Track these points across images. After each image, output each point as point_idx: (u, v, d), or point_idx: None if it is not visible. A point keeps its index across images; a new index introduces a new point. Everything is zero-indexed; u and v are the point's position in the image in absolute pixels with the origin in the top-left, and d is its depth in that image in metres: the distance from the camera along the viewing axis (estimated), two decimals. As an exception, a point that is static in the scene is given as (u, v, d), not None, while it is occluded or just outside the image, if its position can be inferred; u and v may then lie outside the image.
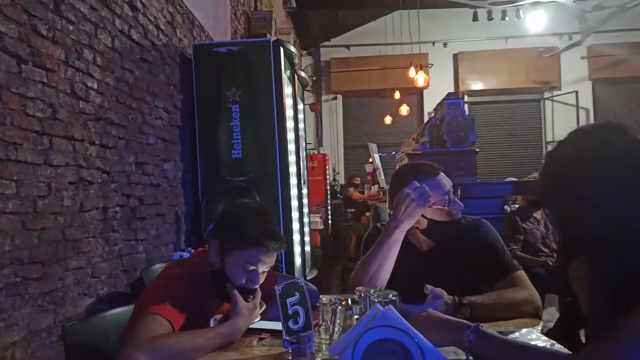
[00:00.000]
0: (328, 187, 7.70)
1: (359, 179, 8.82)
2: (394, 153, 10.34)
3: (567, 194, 0.86)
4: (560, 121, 10.67)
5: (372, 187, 8.71)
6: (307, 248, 3.78)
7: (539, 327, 1.15)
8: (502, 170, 10.41)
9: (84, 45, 1.86)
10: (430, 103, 11.06)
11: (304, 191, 3.90)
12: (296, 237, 3.15)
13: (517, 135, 11.03)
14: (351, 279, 1.39)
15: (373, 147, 8.53)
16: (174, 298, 1.11)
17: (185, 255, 2.72)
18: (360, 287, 1.08)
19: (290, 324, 1.01)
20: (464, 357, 0.91)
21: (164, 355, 1.00)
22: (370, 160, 9.85)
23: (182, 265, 1.29)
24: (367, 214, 7.21)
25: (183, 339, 1.05)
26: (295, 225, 3.24)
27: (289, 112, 3.34)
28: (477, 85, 10.88)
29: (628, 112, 10.70)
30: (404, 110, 8.77)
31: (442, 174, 1.47)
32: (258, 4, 5.88)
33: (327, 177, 7.71)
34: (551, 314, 3.13)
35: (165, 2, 2.74)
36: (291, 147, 3.28)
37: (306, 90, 11.24)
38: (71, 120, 1.77)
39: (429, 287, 1.21)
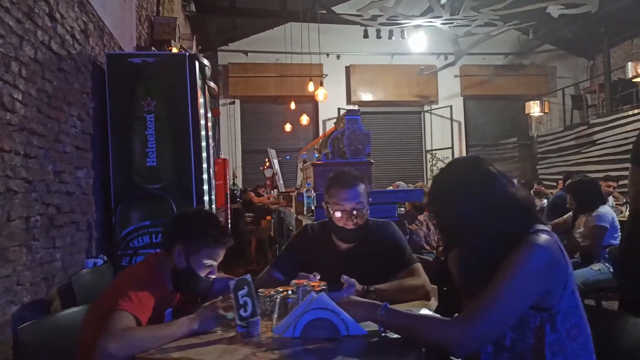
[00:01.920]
0: (228, 192, 7.80)
1: (263, 189, 9.08)
2: (287, 158, 10.72)
3: (444, 206, 1.23)
4: (437, 132, 11.96)
5: (272, 191, 8.99)
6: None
7: (429, 306, 1.52)
8: (388, 176, 11.36)
9: (10, 57, 1.88)
10: (324, 111, 11.70)
11: (213, 197, 4.05)
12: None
13: (402, 144, 12.11)
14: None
15: (272, 152, 8.82)
16: (140, 295, 1.29)
17: (99, 262, 2.76)
18: (296, 280, 1.37)
19: (242, 312, 1.26)
20: (377, 328, 1.23)
21: (132, 345, 1.18)
22: (267, 165, 10.13)
23: (142, 266, 1.47)
24: (268, 217, 7.48)
25: (150, 330, 1.24)
26: (208, 230, 3.40)
27: (202, 121, 3.49)
28: (367, 97, 11.73)
29: (491, 125, 12.34)
30: (305, 119, 9.18)
31: (359, 186, 1.75)
32: (160, 8, 5.85)
33: (228, 181, 7.82)
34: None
35: (79, 11, 2.75)
36: (204, 154, 3.44)
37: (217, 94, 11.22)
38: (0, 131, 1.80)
39: (345, 277, 1.53)
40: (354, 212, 1.72)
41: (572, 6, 8.02)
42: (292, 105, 9.26)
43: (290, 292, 1.31)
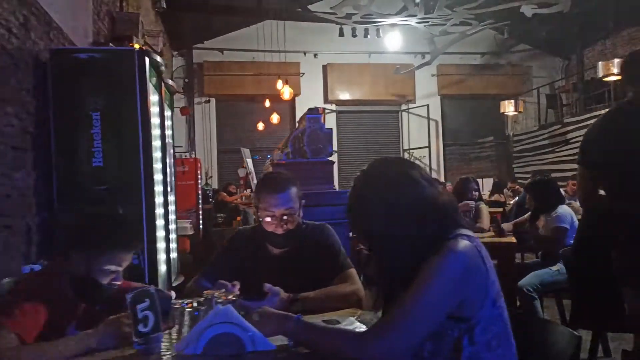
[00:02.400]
0: (200, 192, 7.65)
1: (234, 186, 8.93)
2: (256, 157, 10.58)
3: (359, 210, 1.15)
4: (415, 131, 11.96)
5: (245, 190, 8.87)
6: (174, 255, 3.81)
7: (357, 315, 1.44)
8: (366, 175, 11.31)
9: None
10: (302, 110, 11.58)
11: (171, 198, 3.92)
12: (161, 245, 3.20)
13: (379, 143, 12.07)
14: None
15: (246, 151, 8.68)
16: (26, 309, 1.17)
17: (37, 268, 2.62)
18: (207, 291, 1.27)
19: (140, 327, 1.15)
20: (287, 342, 1.14)
21: None
22: (245, 165, 9.99)
23: (34, 276, 1.35)
24: (238, 218, 7.35)
25: (33, 349, 1.12)
26: (160, 233, 3.27)
27: (155, 120, 3.36)
28: (345, 96, 11.67)
29: (468, 124, 12.39)
30: (275, 118, 9.07)
31: (289, 190, 1.66)
32: (124, 4, 5.68)
33: (199, 181, 7.66)
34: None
35: (18, 4, 2.60)
36: (157, 154, 3.31)
37: (177, 92, 11.00)
38: None
39: (267, 285, 1.44)
40: (284, 218, 1.63)
41: (544, 6, 8.05)
42: (267, 104, 9.12)
43: (196, 303, 1.21)
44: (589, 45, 11.05)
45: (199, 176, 7.84)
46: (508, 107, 9.92)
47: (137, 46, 4.40)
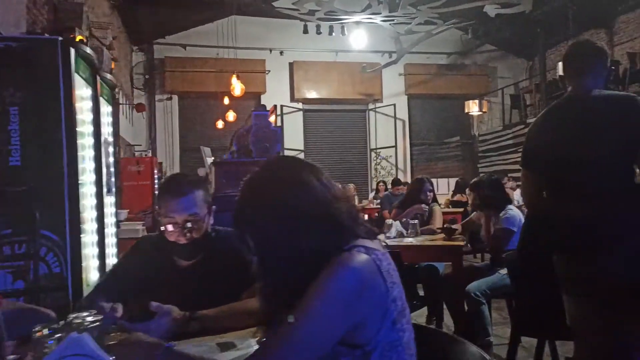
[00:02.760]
0: (157, 193, 7.36)
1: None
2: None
3: (241, 216, 0.99)
4: (382, 130, 11.91)
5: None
6: (112, 260, 3.57)
7: (257, 338, 1.27)
8: (333, 175, 11.12)
9: None
10: (268, 107, 11.37)
11: (109, 199, 3.68)
12: (89, 251, 2.96)
13: (346, 142, 11.97)
14: None
15: (206, 150, 8.40)
16: None
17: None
18: (71, 315, 1.08)
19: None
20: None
21: None
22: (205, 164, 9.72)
23: None
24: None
25: None
26: (91, 238, 3.04)
27: (86, 116, 3.13)
28: (311, 94, 11.51)
29: (435, 124, 12.42)
30: (231, 116, 8.83)
31: (194, 194, 1.47)
32: (69, -7, 5.36)
33: (155, 181, 7.37)
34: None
35: None
36: (88, 153, 3.07)
37: (137, 89, 10.65)
38: None
39: (154, 304, 1.26)
40: (187, 225, 1.45)
41: (507, 6, 8.09)
42: (226, 101, 8.86)
43: (48, 330, 1.02)
44: (551, 46, 11.20)
45: (156, 176, 7.55)
46: (472, 107, 9.95)
47: (79, 38, 4.13)
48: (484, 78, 12.26)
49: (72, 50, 2.81)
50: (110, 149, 3.84)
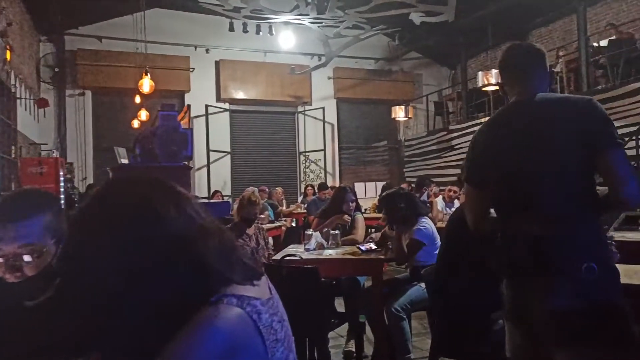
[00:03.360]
0: (62, 196, 6.70)
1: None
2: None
3: (70, 255, 0.73)
4: (311, 134, 11.79)
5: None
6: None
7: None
8: (258, 178, 10.89)
9: None
10: (192, 106, 10.81)
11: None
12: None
13: (275, 145, 11.72)
14: None
15: (121, 151, 7.78)
16: None
17: None
18: None
19: None
20: None
21: None
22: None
23: None
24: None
25: None
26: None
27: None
28: (239, 94, 11.14)
29: (364, 128, 12.52)
30: (143, 115, 8.30)
31: (31, 220, 1.13)
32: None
33: (61, 184, 6.70)
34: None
35: None
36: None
37: (44, 82, 9.71)
38: None
39: None
40: (17, 260, 1.12)
41: (431, 14, 8.26)
42: (137, 99, 8.28)
43: None
44: (472, 56, 11.68)
45: (62, 178, 6.87)
46: (399, 113, 10.10)
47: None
48: (409, 85, 12.54)
49: None
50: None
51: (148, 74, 6.83)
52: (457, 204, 5.41)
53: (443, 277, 2.02)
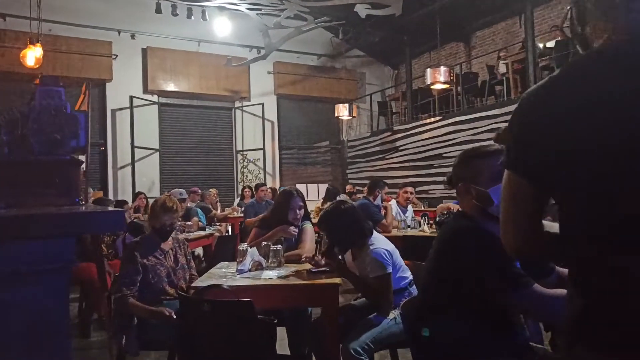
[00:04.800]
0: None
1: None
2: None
3: None
4: (249, 131, 10.99)
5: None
6: None
7: None
8: (190, 178, 9.95)
9: None
10: (115, 98, 9.71)
11: None
12: None
13: (210, 142, 10.81)
14: None
15: None
16: None
17: None
18: None
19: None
20: None
21: None
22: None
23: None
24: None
25: None
26: None
27: None
28: (169, 86, 10.13)
29: (305, 127, 11.89)
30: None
31: None
32: None
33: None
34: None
35: None
36: None
37: None
38: None
39: None
40: None
41: (377, 6, 7.80)
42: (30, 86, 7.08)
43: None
44: (416, 56, 11.42)
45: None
46: (343, 111, 9.60)
47: None
48: (353, 83, 12.09)
49: None
50: None
51: (38, 44, 5.76)
52: (410, 210, 4.89)
53: (433, 314, 1.41)
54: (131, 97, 9.58)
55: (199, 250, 5.20)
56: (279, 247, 2.53)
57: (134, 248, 2.42)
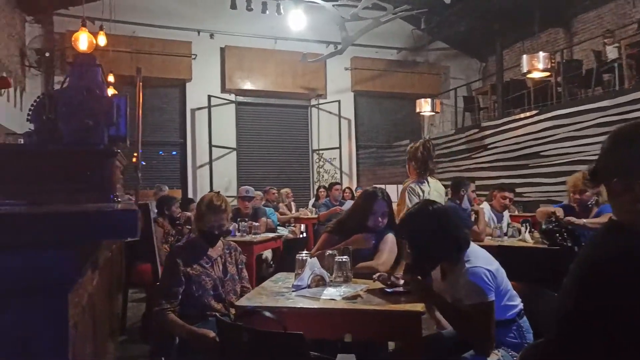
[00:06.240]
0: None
1: None
2: (174, 153, 8.81)
3: None
4: (325, 130, 10.63)
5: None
6: None
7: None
8: (266, 177, 9.78)
9: None
10: (194, 97, 9.82)
11: None
12: None
13: (286, 140, 10.60)
14: None
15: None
16: None
17: None
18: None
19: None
20: None
21: None
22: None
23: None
24: None
25: None
26: None
27: None
28: (246, 85, 10.06)
29: (384, 125, 11.31)
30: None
31: None
32: None
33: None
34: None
35: None
36: None
37: (32, 67, 8.78)
38: None
39: None
40: None
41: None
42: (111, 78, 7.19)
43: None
44: (507, 46, 10.39)
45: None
46: (425, 107, 8.90)
47: None
48: (436, 77, 11.30)
49: None
50: None
51: (104, 30, 5.76)
52: (506, 215, 4.16)
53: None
54: (209, 97, 9.62)
55: (267, 254, 4.85)
56: (346, 258, 2.04)
57: (177, 254, 2.07)
